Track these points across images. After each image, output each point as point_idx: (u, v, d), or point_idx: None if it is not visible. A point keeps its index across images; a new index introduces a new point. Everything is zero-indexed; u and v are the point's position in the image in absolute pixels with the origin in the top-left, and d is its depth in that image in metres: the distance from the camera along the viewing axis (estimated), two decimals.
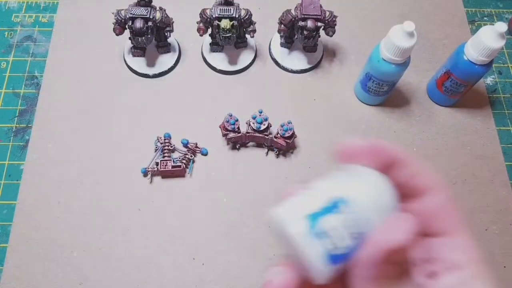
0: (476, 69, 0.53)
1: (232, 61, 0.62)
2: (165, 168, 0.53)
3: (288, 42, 0.62)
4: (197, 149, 0.56)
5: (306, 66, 0.62)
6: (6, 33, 0.64)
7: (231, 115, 0.55)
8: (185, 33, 0.63)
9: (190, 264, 0.51)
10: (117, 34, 0.57)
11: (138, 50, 0.60)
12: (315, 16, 0.55)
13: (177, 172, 0.54)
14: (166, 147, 0.55)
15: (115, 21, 0.56)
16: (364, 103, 0.61)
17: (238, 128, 0.55)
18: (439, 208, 0.21)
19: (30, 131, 0.57)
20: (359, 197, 0.19)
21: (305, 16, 0.55)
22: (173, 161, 0.54)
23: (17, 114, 0.58)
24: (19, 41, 0.64)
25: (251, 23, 0.58)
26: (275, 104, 0.60)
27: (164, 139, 0.56)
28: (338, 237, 0.19)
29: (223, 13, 0.55)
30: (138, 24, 0.54)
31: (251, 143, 0.57)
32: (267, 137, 0.55)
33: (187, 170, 0.55)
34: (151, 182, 0.55)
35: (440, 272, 0.20)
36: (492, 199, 0.56)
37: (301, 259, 0.19)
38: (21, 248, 0.50)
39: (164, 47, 0.61)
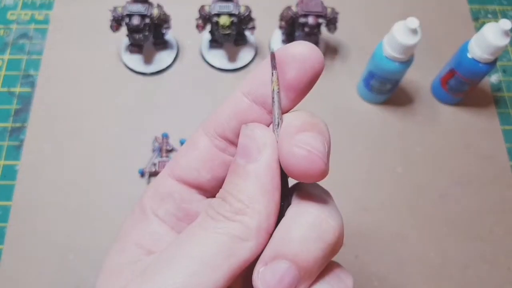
0: (481, 67, 0.52)
1: (232, 58, 0.61)
2: (163, 169, 0.52)
3: (289, 39, 0.61)
4: None
5: None
6: (2, 31, 0.63)
7: None
8: (183, 30, 0.62)
9: None
10: (114, 31, 0.56)
11: (135, 47, 0.59)
12: (316, 13, 0.54)
13: None
14: (164, 148, 0.54)
15: (111, 18, 0.55)
16: (367, 101, 0.60)
17: None
18: None
19: (25, 130, 0.56)
20: None
21: (306, 12, 0.54)
22: None
23: (12, 114, 0.57)
24: (14, 39, 0.62)
25: (251, 19, 0.57)
26: None
27: (162, 139, 0.55)
28: None
29: (222, 10, 0.54)
30: (135, 21, 0.53)
31: None
32: None
33: None
34: (148, 183, 0.54)
35: None
36: (496, 199, 0.55)
37: None
38: (16, 250, 0.50)
39: (162, 44, 0.60)
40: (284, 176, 0.21)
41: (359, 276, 0.50)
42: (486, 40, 0.49)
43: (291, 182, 0.22)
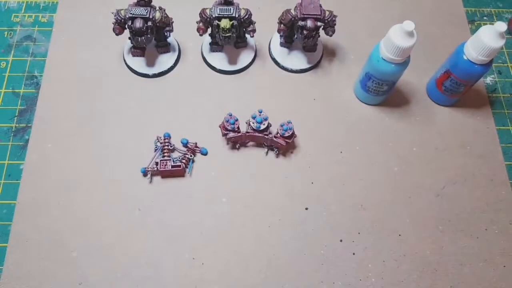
0: (476, 69, 0.53)
1: (232, 60, 0.62)
2: (164, 168, 0.53)
3: (288, 42, 0.62)
4: (197, 148, 0.56)
5: (305, 65, 0.62)
6: (6, 32, 0.64)
7: (230, 115, 0.55)
8: (185, 33, 0.63)
9: (190, 264, 0.51)
10: (116, 34, 0.57)
11: (137, 50, 0.60)
12: (314, 16, 0.55)
13: (177, 172, 0.54)
14: (166, 147, 0.55)
15: (114, 21, 0.56)
16: (364, 102, 0.61)
17: (238, 127, 0.55)
18: None
19: (30, 130, 0.57)
20: None
21: (305, 15, 0.55)
22: (173, 161, 0.54)
23: (16, 114, 0.58)
24: (18, 40, 0.64)
25: (251, 22, 0.57)
26: (275, 103, 0.60)
27: (164, 139, 0.56)
28: None
29: (223, 13, 0.55)
30: (138, 24, 0.54)
31: (251, 143, 0.57)
32: (267, 136, 0.55)
33: (187, 170, 0.55)
34: (150, 182, 0.55)
35: None
36: (491, 198, 0.56)
37: None
38: (21, 248, 0.50)
39: (164, 47, 0.61)
40: None
41: (357, 272, 0.51)
42: (482, 42, 0.50)
43: None
